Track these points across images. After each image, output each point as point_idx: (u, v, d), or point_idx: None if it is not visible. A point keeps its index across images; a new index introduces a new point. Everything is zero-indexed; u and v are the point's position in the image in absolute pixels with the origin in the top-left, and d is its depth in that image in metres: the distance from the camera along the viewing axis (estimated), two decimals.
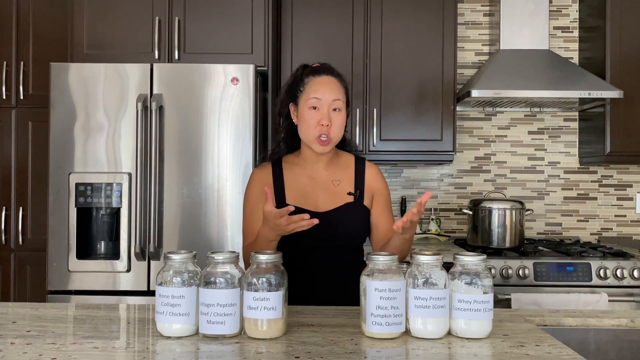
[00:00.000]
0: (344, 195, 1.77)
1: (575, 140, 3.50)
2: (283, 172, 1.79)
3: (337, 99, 1.71)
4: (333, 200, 1.76)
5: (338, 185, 1.78)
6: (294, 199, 1.75)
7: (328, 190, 1.77)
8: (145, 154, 2.57)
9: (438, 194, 3.52)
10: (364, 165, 1.83)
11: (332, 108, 1.71)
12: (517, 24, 3.23)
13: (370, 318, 1.29)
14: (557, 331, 1.49)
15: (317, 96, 1.70)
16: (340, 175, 1.80)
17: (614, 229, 3.49)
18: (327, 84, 1.73)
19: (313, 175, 1.79)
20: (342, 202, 1.76)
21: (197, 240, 2.58)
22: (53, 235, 2.60)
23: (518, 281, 2.70)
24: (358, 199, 1.78)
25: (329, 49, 3.14)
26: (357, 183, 1.80)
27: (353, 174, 1.81)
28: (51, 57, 2.92)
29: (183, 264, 1.33)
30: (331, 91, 1.71)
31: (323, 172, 1.80)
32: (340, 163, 1.83)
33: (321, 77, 1.74)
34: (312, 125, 1.70)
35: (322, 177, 1.79)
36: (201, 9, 2.84)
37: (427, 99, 3.15)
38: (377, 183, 1.82)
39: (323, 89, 1.71)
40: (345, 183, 1.79)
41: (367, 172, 1.82)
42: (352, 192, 1.78)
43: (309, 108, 1.70)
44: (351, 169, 1.82)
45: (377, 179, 1.83)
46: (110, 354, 1.20)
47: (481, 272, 1.32)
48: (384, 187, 1.84)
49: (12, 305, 1.61)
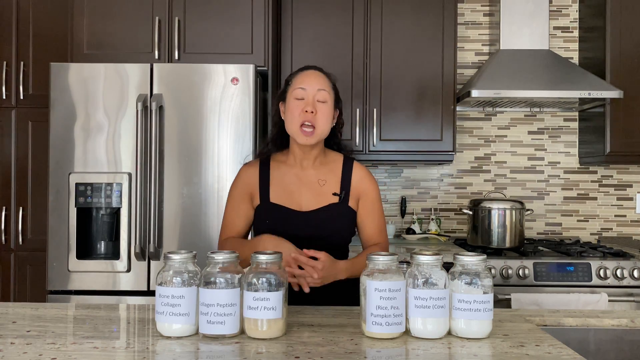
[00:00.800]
0: (329, 196, 1.77)
1: (575, 140, 3.50)
2: (270, 169, 1.80)
3: (323, 89, 1.73)
4: (317, 200, 1.76)
5: (324, 185, 1.78)
6: (278, 197, 1.76)
7: (313, 189, 1.77)
8: (145, 154, 2.57)
9: (438, 194, 3.52)
10: (352, 166, 1.82)
11: (317, 98, 1.72)
12: (517, 24, 3.23)
13: (370, 318, 1.29)
14: (557, 331, 1.49)
15: (302, 86, 1.73)
16: (327, 175, 1.80)
17: (614, 229, 3.49)
18: (313, 75, 1.76)
19: (299, 174, 1.79)
20: (326, 202, 1.76)
21: (197, 240, 2.58)
22: (53, 235, 2.60)
23: (518, 281, 2.70)
24: (343, 200, 1.77)
25: (329, 49, 3.14)
26: (343, 184, 1.79)
27: (340, 174, 1.80)
28: (51, 57, 2.91)
29: (183, 264, 1.33)
30: (316, 82, 1.74)
31: (310, 171, 1.79)
32: (328, 162, 1.82)
33: (308, 71, 1.79)
34: (297, 115, 1.71)
35: (308, 176, 1.79)
36: (201, 9, 2.84)
37: (427, 99, 3.15)
38: (364, 185, 1.81)
39: (309, 79, 1.75)
40: (332, 183, 1.79)
41: (354, 173, 1.81)
42: (337, 193, 1.77)
43: (295, 99, 1.73)
44: (338, 169, 1.81)
45: (364, 181, 1.81)
46: (110, 354, 1.20)
47: (481, 272, 1.32)
48: (371, 189, 1.82)
49: (12, 305, 1.61)
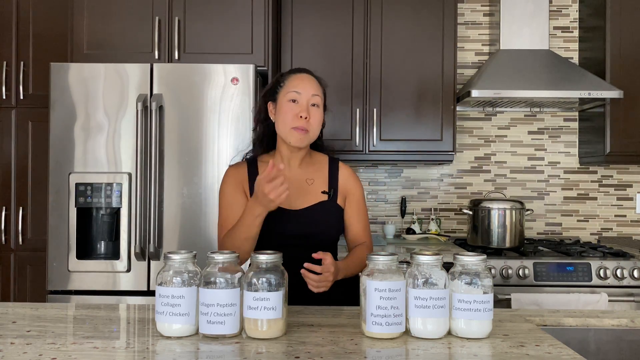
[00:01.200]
0: (317, 194, 1.79)
1: (575, 140, 3.50)
2: (258, 170, 1.81)
3: (316, 94, 1.75)
4: (306, 198, 1.78)
5: (312, 184, 1.81)
6: None
7: (301, 188, 1.79)
8: (145, 154, 2.57)
9: (438, 194, 3.52)
10: (337, 166, 1.86)
11: (311, 103, 1.74)
12: (517, 24, 3.23)
13: (370, 318, 1.29)
14: (557, 331, 1.49)
15: (297, 90, 1.74)
16: (314, 174, 1.82)
17: (614, 229, 3.49)
18: (307, 80, 1.77)
19: (287, 174, 1.79)
20: (315, 201, 1.78)
21: (197, 240, 2.58)
22: (53, 235, 2.60)
23: (518, 281, 2.70)
24: (332, 198, 1.80)
25: (329, 49, 3.14)
26: (331, 182, 1.82)
27: (327, 173, 1.84)
28: (51, 57, 2.91)
29: (183, 264, 1.34)
30: (311, 86, 1.75)
31: (297, 170, 1.81)
32: (314, 163, 1.85)
33: (301, 74, 1.79)
34: (290, 118, 1.72)
35: (296, 176, 1.80)
36: (201, 9, 2.84)
37: (427, 99, 3.15)
38: (350, 184, 1.85)
39: (303, 84, 1.75)
40: (319, 182, 1.82)
41: (340, 172, 1.85)
42: (326, 191, 1.80)
43: (288, 101, 1.74)
44: (325, 169, 1.84)
45: (350, 180, 1.85)
46: (110, 354, 1.20)
47: (481, 272, 1.32)
48: (356, 188, 1.86)
49: (12, 305, 1.61)
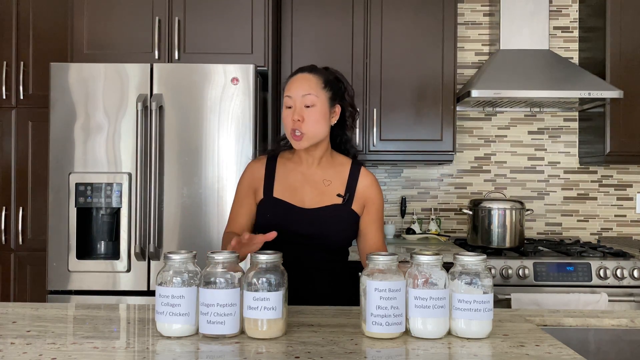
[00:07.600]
0: (332, 196, 1.78)
1: (575, 140, 3.50)
2: (276, 165, 1.82)
3: (308, 93, 1.72)
4: (321, 198, 1.78)
5: (328, 185, 1.80)
6: (281, 192, 1.78)
7: (317, 188, 1.79)
8: (145, 154, 2.57)
9: (438, 194, 3.52)
10: (359, 171, 1.83)
11: (304, 104, 1.72)
12: (517, 24, 3.23)
13: (370, 318, 1.29)
14: (557, 331, 1.49)
15: (289, 94, 1.74)
16: (333, 176, 1.81)
17: (614, 229, 3.49)
18: (298, 81, 1.75)
19: (305, 172, 1.81)
20: (329, 202, 1.77)
21: (197, 240, 2.58)
22: (53, 235, 2.60)
23: (518, 281, 2.69)
24: (346, 202, 1.78)
25: (329, 49, 3.14)
26: (349, 186, 1.80)
27: (346, 177, 1.81)
28: (51, 57, 2.91)
29: (183, 264, 1.34)
30: (301, 87, 1.73)
31: (315, 170, 1.81)
32: (335, 164, 1.83)
33: (295, 77, 1.78)
34: (288, 124, 1.74)
35: (314, 175, 1.80)
36: (201, 9, 2.83)
37: (427, 99, 3.15)
38: (370, 192, 1.82)
39: (294, 86, 1.75)
40: (336, 184, 1.80)
41: (361, 178, 1.82)
42: (341, 194, 1.78)
43: (286, 108, 1.75)
44: (345, 172, 1.82)
45: (371, 189, 1.82)
46: (110, 354, 1.20)
47: (481, 272, 1.32)
48: (377, 197, 1.83)
49: (12, 305, 1.61)
